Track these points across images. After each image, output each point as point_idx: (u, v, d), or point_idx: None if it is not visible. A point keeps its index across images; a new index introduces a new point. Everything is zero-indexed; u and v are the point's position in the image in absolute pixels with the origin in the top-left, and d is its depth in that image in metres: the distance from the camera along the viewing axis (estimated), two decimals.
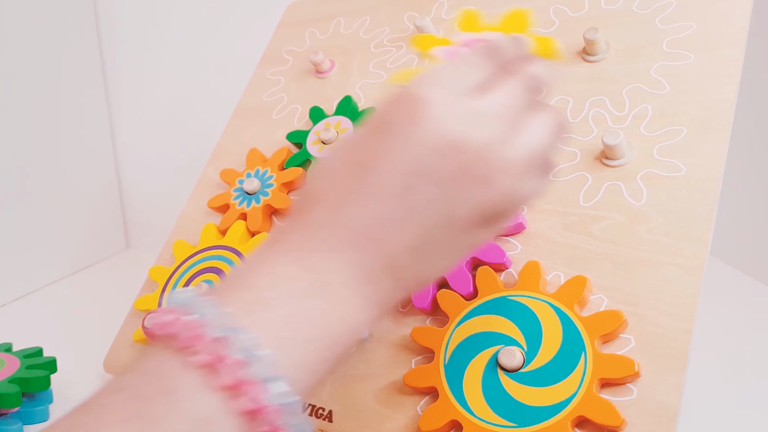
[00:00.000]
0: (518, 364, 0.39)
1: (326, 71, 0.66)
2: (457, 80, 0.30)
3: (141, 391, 0.24)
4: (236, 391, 0.24)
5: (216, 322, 0.25)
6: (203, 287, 0.53)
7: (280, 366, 0.25)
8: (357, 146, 0.30)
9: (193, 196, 0.65)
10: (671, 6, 0.51)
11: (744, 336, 0.57)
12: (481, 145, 0.28)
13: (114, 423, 0.23)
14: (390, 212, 0.28)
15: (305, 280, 0.27)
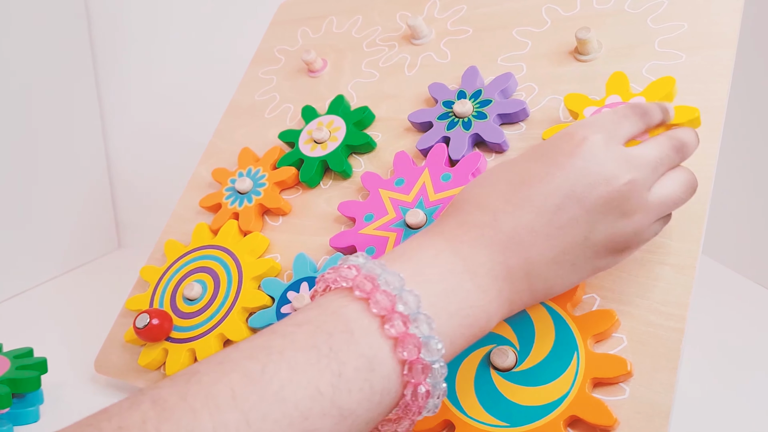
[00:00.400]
0: (511, 363, 0.39)
1: (318, 70, 0.65)
2: (614, 128, 0.36)
3: (323, 326, 0.29)
4: (401, 341, 0.29)
5: (390, 281, 0.31)
6: (195, 288, 0.53)
7: (434, 329, 0.30)
8: (520, 167, 0.35)
9: (184, 196, 0.64)
10: (663, 5, 0.52)
11: (736, 335, 0.57)
12: (627, 184, 0.34)
13: (299, 348, 0.28)
14: (539, 224, 0.33)
15: (458, 265, 0.33)
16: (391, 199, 0.51)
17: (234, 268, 0.53)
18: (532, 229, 0.33)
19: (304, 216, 0.56)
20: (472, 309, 0.32)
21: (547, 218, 0.33)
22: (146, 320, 0.51)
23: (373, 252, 0.48)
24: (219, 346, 0.51)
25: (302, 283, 0.50)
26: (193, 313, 0.53)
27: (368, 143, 0.56)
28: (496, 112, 0.51)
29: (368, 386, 0.29)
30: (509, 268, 0.34)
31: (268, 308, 0.50)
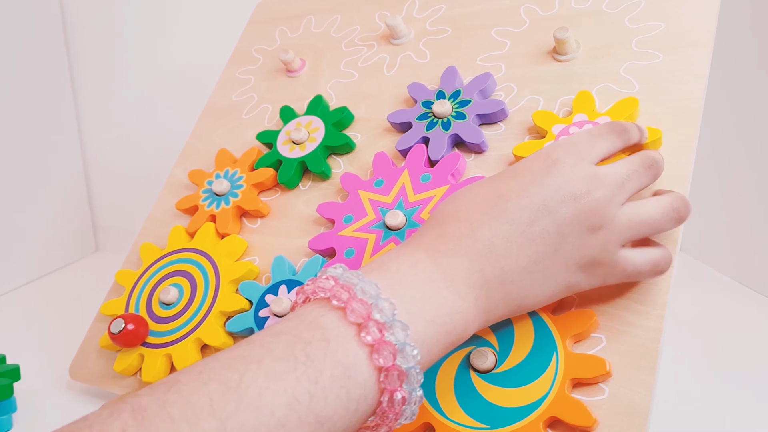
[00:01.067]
0: (490, 365, 0.39)
1: (297, 70, 0.65)
2: (586, 149, 0.38)
3: (301, 335, 0.30)
4: (377, 348, 0.30)
5: (366, 290, 0.32)
6: (171, 292, 0.52)
7: (409, 335, 0.31)
8: (497, 183, 0.37)
9: (161, 198, 0.64)
10: (640, 5, 0.52)
11: (716, 333, 0.57)
12: (596, 200, 0.36)
13: (276, 357, 0.29)
14: (514, 235, 0.35)
15: (435, 273, 0.34)
16: (370, 200, 0.50)
17: (211, 271, 0.53)
18: (508, 239, 0.35)
19: (283, 218, 0.56)
20: (449, 316, 0.33)
21: (522, 230, 0.35)
22: (121, 325, 0.50)
23: (352, 254, 0.48)
24: (196, 351, 0.50)
25: (281, 286, 0.49)
26: (170, 318, 0.52)
27: (347, 144, 0.56)
28: (475, 113, 0.51)
29: (345, 393, 0.29)
30: (485, 277, 0.35)
31: (246, 312, 0.50)
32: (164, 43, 0.96)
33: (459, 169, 0.49)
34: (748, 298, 0.63)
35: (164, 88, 0.96)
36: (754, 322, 0.59)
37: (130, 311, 0.55)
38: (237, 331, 0.49)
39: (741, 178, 0.71)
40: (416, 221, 0.47)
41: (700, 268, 0.70)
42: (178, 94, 0.93)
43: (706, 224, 0.73)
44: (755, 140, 0.69)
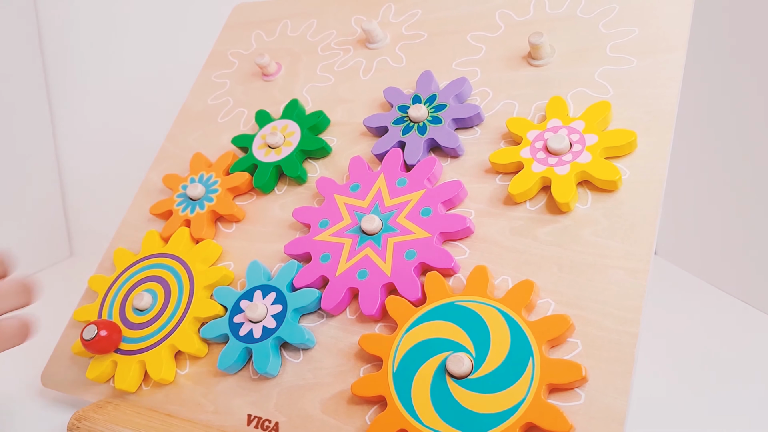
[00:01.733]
0: (466, 370, 0.39)
1: (273, 74, 0.64)
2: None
3: None
4: None
5: None
6: (145, 297, 0.52)
7: None
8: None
9: (135, 203, 0.63)
10: (614, 11, 0.52)
11: (691, 337, 0.58)
12: None
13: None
14: None
15: None
16: (346, 204, 0.50)
17: (185, 276, 0.52)
18: None
19: (258, 222, 0.55)
20: None
21: None
22: (94, 332, 0.49)
23: (328, 259, 0.48)
24: (170, 358, 0.50)
25: (256, 291, 0.49)
26: (143, 324, 0.51)
27: (323, 148, 0.56)
28: (451, 117, 0.51)
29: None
30: None
31: (221, 318, 0.49)
32: (139, 46, 0.95)
33: (435, 174, 0.49)
34: (722, 302, 0.63)
35: (139, 91, 0.94)
36: (728, 325, 0.59)
37: (103, 317, 0.54)
38: (211, 338, 0.49)
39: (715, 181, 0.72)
40: (392, 225, 0.47)
41: (674, 272, 0.71)
42: (153, 98, 0.92)
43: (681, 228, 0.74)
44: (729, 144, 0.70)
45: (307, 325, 0.48)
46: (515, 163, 0.47)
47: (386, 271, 0.45)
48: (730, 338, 0.57)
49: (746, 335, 0.57)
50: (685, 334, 0.58)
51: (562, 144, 0.45)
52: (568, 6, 0.54)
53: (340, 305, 0.46)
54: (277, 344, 0.47)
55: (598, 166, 0.44)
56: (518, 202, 0.47)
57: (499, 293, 0.43)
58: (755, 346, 0.55)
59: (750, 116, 0.67)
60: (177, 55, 0.92)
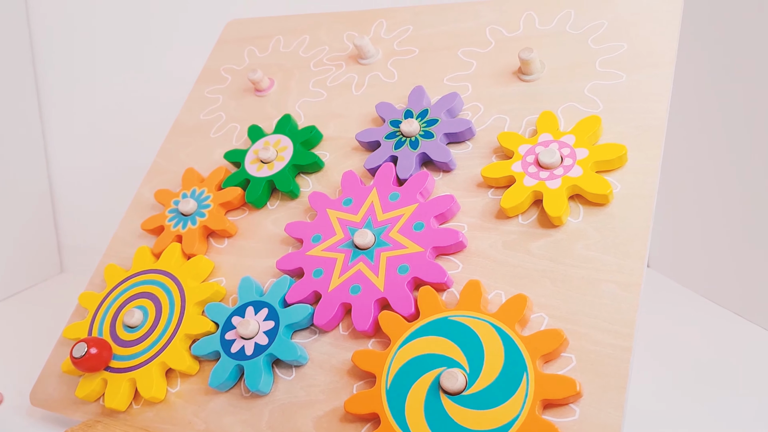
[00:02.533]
0: (460, 386, 0.39)
1: (265, 89, 0.64)
2: None
3: None
4: None
5: None
6: (135, 314, 0.51)
7: None
8: None
9: (126, 218, 0.62)
10: (603, 27, 0.52)
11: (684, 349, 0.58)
12: None
13: None
14: None
15: None
16: (339, 219, 0.50)
17: (177, 293, 0.52)
18: None
19: (251, 238, 0.55)
20: None
21: None
22: (83, 349, 0.49)
23: (321, 274, 0.47)
24: (161, 375, 0.49)
25: (248, 307, 0.48)
26: (134, 341, 0.51)
27: (316, 163, 0.56)
28: (442, 132, 0.51)
29: None
30: None
31: (212, 335, 0.49)
32: (132, 61, 0.95)
33: (427, 188, 0.49)
34: (716, 314, 0.63)
35: (131, 106, 0.94)
36: (722, 337, 0.59)
37: (93, 335, 0.53)
38: (203, 355, 0.48)
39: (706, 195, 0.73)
40: (385, 240, 0.47)
41: (667, 284, 0.71)
42: (145, 113, 0.92)
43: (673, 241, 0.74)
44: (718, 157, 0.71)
45: (300, 341, 0.47)
46: (507, 177, 0.47)
47: (379, 286, 0.45)
48: (723, 350, 0.57)
49: (739, 347, 0.57)
50: (679, 346, 0.58)
51: (553, 158, 0.45)
52: (557, 22, 0.55)
53: (332, 321, 0.46)
54: (269, 361, 0.46)
55: (590, 180, 0.44)
56: (510, 216, 0.47)
57: (493, 308, 0.43)
58: (748, 358, 0.55)
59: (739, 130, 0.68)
60: (169, 71, 0.92)
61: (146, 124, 0.89)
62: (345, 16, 0.66)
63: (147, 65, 0.95)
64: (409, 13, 0.62)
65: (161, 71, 0.94)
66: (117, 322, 0.53)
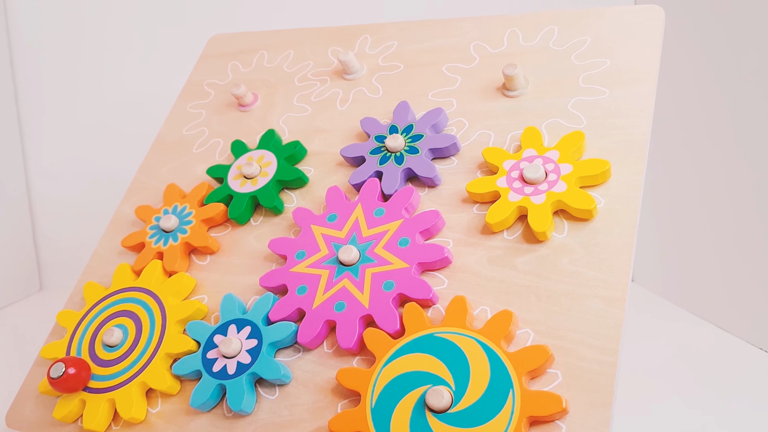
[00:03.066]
0: (446, 404, 0.38)
1: (249, 104, 0.64)
2: None
3: None
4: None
5: None
6: (115, 333, 0.50)
7: None
8: None
9: (106, 235, 0.61)
10: (586, 43, 0.53)
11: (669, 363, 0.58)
12: None
13: None
14: None
15: None
16: (323, 235, 0.50)
17: (157, 311, 0.51)
18: None
19: (233, 254, 0.54)
20: None
21: None
22: (61, 370, 0.48)
23: (305, 291, 0.47)
24: (141, 396, 0.48)
25: (230, 325, 0.48)
26: (113, 361, 0.50)
27: (300, 178, 0.55)
28: (427, 147, 0.51)
29: None
30: None
31: (194, 353, 0.48)
32: (113, 76, 0.95)
33: (413, 203, 0.49)
34: (699, 328, 0.63)
35: (113, 122, 0.94)
36: (706, 351, 0.59)
37: (71, 354, 0.52)
38: (184, 374, 0.48)
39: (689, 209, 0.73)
40: (370, 256, 0.47)
41: (651, 299, 0.71)
42: (125, 129, 0.92)
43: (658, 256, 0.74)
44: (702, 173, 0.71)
45: (283, 359, 0.47)
46: (492, 193, 0.47)
47: (364, 302, 0.45)
48: (707, 364, 0.57)
49: (723, 361, 0.57)
50: (663, 360, 0.58)
51: (537, 173, 0.45)
52: (541, 38, 0.55)
53: (317, 339, 0.46)
54: (252, 380, 0.46)
55: (574, 195, 0.44)
56: (495, 232, 0.46)
57: (479, 324, 0.42)
58: (732, 372, 0.55)
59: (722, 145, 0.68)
60: (151, 86, 0.91)
61: (128, 140, 0.89)
62: (329, 31, 0.66)
63: (127, 80, 0.94)
64: (393, 28, 0.63)
65: (142, 86, 0.93)
66: (96, 341, 0.52)
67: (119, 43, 0.94)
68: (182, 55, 0.81)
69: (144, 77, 0.94)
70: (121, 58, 0.95)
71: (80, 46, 0.95)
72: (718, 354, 0.59)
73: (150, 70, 0.94)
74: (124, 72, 0.95)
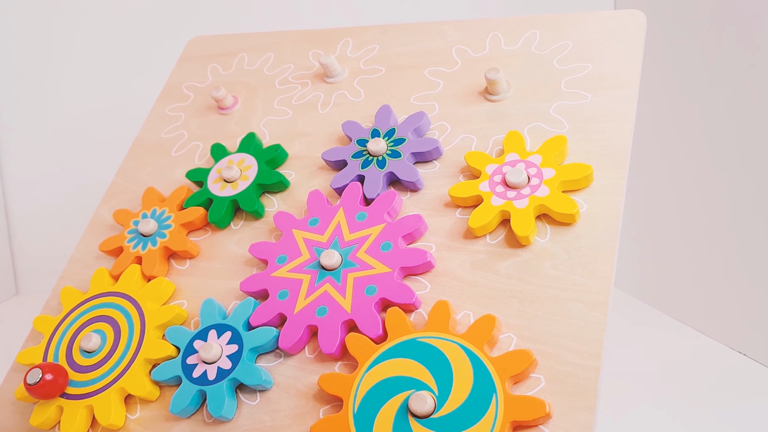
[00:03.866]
0: (429, 409, 0.38)
1: (229, 107, 0.63)
2: None
3: None
4: None
5: None
6: (93, 338, 0.49)
7: None
8: None
9: (83, 239, 0.61)
10: (568, 47, 0.53)
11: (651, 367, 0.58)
12: None
13: None
14: None
15: None
16: (305, 239, 0.49)
17: (136, 316, 0.50)
18: None
19: (213, 259, 0.54)
20: None
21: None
22: (38, 376, 0.47)
23: (286, 296, 0.46)
24: (119, 402, 0.47)
25: (210, 330, 0.47)
26: (91, 367, 0.49)
27: (281, 182, 0.55)
28: (410, 151, 0.51)
29: None
30: None
31: (173, 359, 0.47)
32: (90, 78, 0.93)
33: (395, 207, 0.49)
34: (680, 332, 0.64)
35: (90, 124, 0.92)
36: (687, 355, 0.60)
37: (48, 360, 0.51)
38: (163, 380, 0.47)
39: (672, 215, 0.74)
40: (352, 260, 0.46)
41: (634, 304, 0.72)
42: (103, 132, 0.91)
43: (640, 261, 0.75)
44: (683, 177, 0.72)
45: (264, 365, 0.46)
46: (474, 197, 0.47)
47: (346, 307, 0.44)
48: (688, 368, 0.57)
49: (704, 364, 0.58)
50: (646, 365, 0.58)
51: (520, 178, 0.45)
52: (523, 42, 0.55)
53: (298, 344, 0.45)
54: (233, 386, 0.45)
55: (556, 200, 0.44)
56: (478, 236, 0.46)
57: (462, 328, 0.42)
58: (712, 375, 0.56)
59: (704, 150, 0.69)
60: (129, 88, 0.90)
61: (105, 143, 0.87)
62: (311, 34, 0.66)
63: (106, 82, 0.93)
64: (375, 32, 0.62)
65: (120, 88, 0.92)
66: (74, 346, 0.51)
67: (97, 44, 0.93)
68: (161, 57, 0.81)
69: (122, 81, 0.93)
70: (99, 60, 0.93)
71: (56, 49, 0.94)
72: (698, 357, 0.59)
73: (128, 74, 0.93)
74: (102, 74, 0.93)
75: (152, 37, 0.92)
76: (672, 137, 0.73)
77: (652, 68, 0.61)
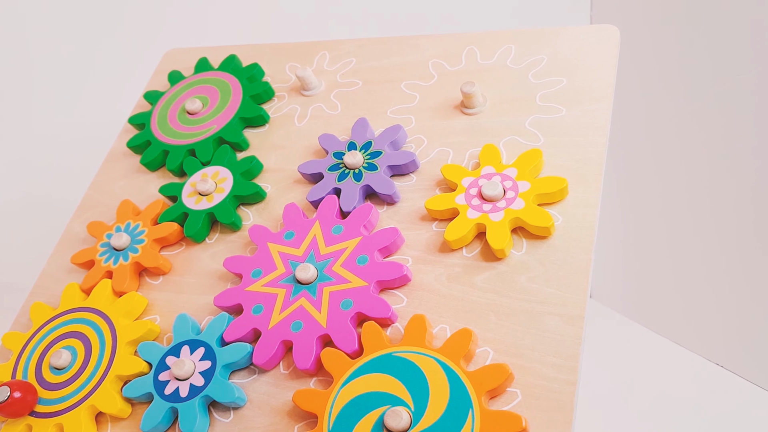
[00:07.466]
0: (405, 425, 0.38)
1: None
2: None
3: None
4: None
5: None
6: (63, 355, 0.48)
7: None
8: None
9: (55, 253, 0.59)
10: (543, 62, 0.53)
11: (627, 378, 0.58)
12: None
13: None
14: None
15: None
16: (280, 253, 0.49)
17: (107, 332, 0.49)
18: None
19: (187, 273, 0.53)
20: None
21: None
22: (6, 394, 0.46)
23: (260, 311, 0.46)
24: (90, 420, 0.46)
25: (183, 346, 0.46)
26: (61, 384, 0.48)
27: (258, 193, 0.54)
28: (386, 164, 0.51)
29: None
30: None
31: (145, 375, 0.46)
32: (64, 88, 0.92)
33: (371, 221, 0.49)
34: (656, 344, 0.64)
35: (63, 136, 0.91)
36: (663, 366, 0.60)
37: (17, 377, 0.50)
38: (135, 397, 0.46)
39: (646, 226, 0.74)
40: (328, 274, 0.46)
41: (609, 314, 0.72)
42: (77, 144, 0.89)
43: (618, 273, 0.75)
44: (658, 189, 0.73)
45: (238, 381, 0.45)
46: (451, 210, 0.47)
47: (322, 322, 0.44)
48: (665, 379, 0.58)
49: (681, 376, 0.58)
50: (622, 376, 0.58)
51: (496, 191, 0.45)
52: (498, 56, 0.55)
53: (273, 360, 0.44)
54: (205, 403, 0.44)
55: (532, 213, 0.44)
56: (454, 249, 0.46)
57: (438, 342, 0.42)
58: (690, 386, 0.56)
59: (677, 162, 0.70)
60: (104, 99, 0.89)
61: (78, 155, 0.86)
62: (287, 47, 0.66)
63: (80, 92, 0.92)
64: (352, 45, 0.62)
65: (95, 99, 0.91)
66: (43, 363, 0.50)
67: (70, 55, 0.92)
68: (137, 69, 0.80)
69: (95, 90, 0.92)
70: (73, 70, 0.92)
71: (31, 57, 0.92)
72: (676, 369, 0.59)
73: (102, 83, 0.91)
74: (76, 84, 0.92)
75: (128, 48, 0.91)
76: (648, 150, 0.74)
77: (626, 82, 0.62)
